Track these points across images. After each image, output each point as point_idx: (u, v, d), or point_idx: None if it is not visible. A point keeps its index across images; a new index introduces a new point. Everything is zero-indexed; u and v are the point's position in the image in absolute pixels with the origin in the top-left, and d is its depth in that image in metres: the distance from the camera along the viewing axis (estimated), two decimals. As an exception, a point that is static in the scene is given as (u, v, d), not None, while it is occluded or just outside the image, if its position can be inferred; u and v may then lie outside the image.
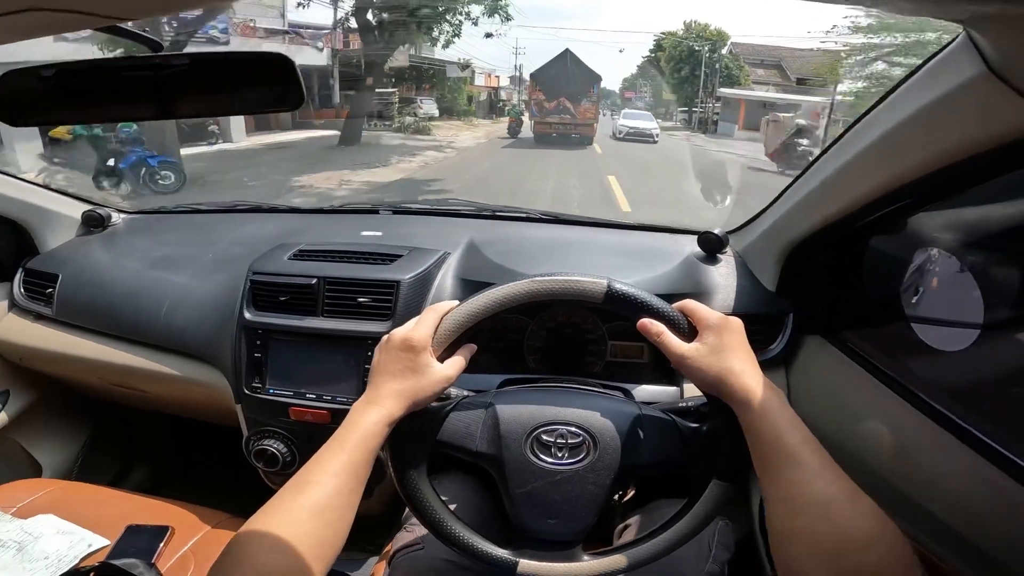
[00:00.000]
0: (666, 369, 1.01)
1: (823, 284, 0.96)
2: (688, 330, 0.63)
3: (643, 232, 1.31)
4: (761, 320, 1.00)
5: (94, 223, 1.38)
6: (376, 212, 1.42)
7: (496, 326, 0.74)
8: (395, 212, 1.41)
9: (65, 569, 0.92)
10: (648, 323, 0.63)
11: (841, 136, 0.80)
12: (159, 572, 0.91)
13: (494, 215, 1.36)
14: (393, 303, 1.01)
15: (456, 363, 0.66)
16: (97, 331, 1.22)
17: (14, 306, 1.30)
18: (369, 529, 1.22)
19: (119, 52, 6.27)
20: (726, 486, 0.64)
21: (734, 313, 0.93)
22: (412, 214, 1.41)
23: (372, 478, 1.01)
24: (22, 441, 1.36)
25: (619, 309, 0.65)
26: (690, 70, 31.32)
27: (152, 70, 0.61)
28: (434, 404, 0.68)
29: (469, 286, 1.04)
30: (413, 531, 0.83)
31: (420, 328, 0.63)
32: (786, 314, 1.00)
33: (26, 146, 8.23)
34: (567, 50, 18.59)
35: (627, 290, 0.64)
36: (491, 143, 17.89)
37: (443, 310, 0.65)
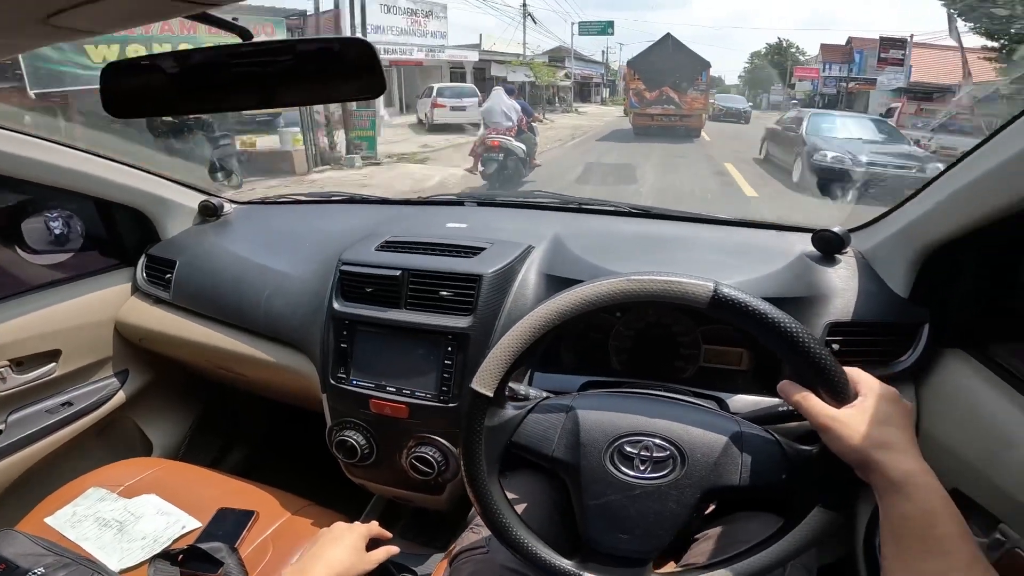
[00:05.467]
0: (766, 379, 0.96)
1: (971, 291, 0.85)
2: (839, 383, 0.56)
3: (746, 228, 1.19)
4: (890, 329, 0.89)
5: (209, 212, 1.44)
6: (462, 204, 1.41)
7: (579, 323, 0.70)
8: (480, 204, 1.40)
9: (159, 550, 0.96)
10: (789, 385, 0.59)
11: (1012, 122, 0.67)
12: (239, 557, 0.93)
13: (580, 208, 1.30)
14: (475, 298, 0.97)
15: (385, 553, 0.81)
16: (206, 316, 1.27)
17: (136, 290, 1.38)
18: (436, 525, 1.22)
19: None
20: (833, 515, 0.59)
21: (855, 320, 0.88)
22: (497, 206, 1.39)
23: (444, 475, 1.03)
24: (137, 420, 1.44)
25: (729, 319, 0.59)
26: None
27: (249, 58, 0.60)
28: (512, 406, 0.67)
29: (554, 282, 0.99)
30: (479, 532, 0.83)
31: (374, 528, 0.83)
32: (921, 323, 0.89)
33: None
34: (668, 35, 17.22)
35: (738, 296, 0.57)
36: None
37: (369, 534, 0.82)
